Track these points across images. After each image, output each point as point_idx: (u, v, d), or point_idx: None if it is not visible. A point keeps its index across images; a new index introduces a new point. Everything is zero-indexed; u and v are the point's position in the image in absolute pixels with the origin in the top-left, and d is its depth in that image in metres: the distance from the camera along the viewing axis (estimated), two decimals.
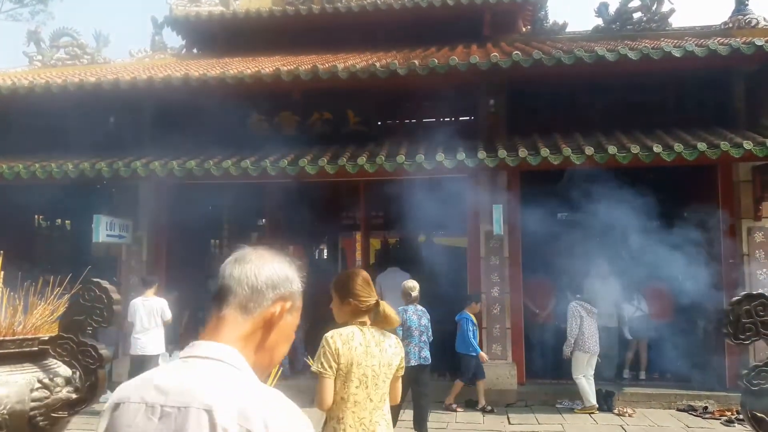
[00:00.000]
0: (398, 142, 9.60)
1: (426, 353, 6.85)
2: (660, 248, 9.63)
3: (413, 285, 6.93)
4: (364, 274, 3.13)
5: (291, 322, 1.39)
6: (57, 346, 2.59)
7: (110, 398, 1.32)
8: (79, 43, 12.79)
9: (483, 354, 8.33)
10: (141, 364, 8.42)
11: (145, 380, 1.28)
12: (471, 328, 8.27)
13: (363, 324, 3.02)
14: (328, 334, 2.98)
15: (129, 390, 1.29)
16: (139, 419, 1.21)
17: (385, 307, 3.06)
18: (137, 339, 8.37)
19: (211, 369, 1.24)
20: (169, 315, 8.64)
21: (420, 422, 6.76)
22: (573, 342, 8.26)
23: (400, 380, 3.14)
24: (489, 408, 8.33)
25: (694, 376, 8.81)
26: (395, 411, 6.43)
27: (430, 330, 7.02)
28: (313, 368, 2.95)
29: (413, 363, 6.60)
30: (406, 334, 6.71)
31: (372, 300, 3.05)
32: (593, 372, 8.32)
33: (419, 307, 6.95)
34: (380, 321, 3.06)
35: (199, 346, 1.29)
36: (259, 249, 1.43)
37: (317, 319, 7.69)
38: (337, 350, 2.90)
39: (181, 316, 10.05)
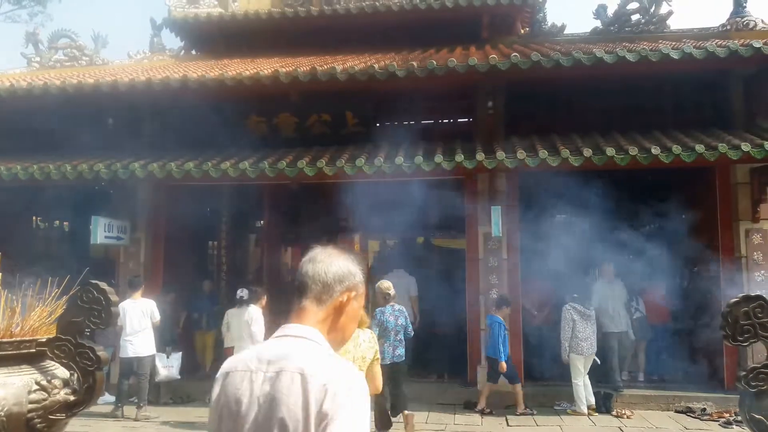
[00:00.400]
0: (397, 144, 9.60)
1: (400, 351, 7.06)
2: (657, 250, 9.64)
3: (389, 285, 7.10)
4: None
5: (356, 307, 1.72)
6: (55, 348, 2.59)
7: (221, 369, 1.64)
8: (77, 44, 12.78)
9: (503, 363, 8.21)
10: (131, 366, 8.40)
11: (248, 353, 1.63)
12: (503, 333, 8.28)
13: None
14: None
15: (236, 361, 1.63)
16: (245, 383, 1.55)
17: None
18: (129, 341, 8.31)
19: (299, 344, 1.59)
20: (158, 316, 8.65)
21: (386, 421, 6.76)
22: (567, 346, 8.24)
23: (378, 371, 3.40)
24: (488, 410, 8.31)
25: (692, 377, 8.82)
26: (380, 401, 6.45)
27: (410, 327, 7.26)
28: None
29: (387, 361, 6.77)
30: (382, 333, 6.89)
31: None
32: (586, 372, 8.31)
33: (396, 307, 7.13)
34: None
35: (288, 328, 1.64)
36: (328, 249, 1.75)
37: None
38: None
39: (178, 317, 10.03)
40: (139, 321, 8.36)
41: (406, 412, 7.17)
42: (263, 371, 1.54)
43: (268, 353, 1.58)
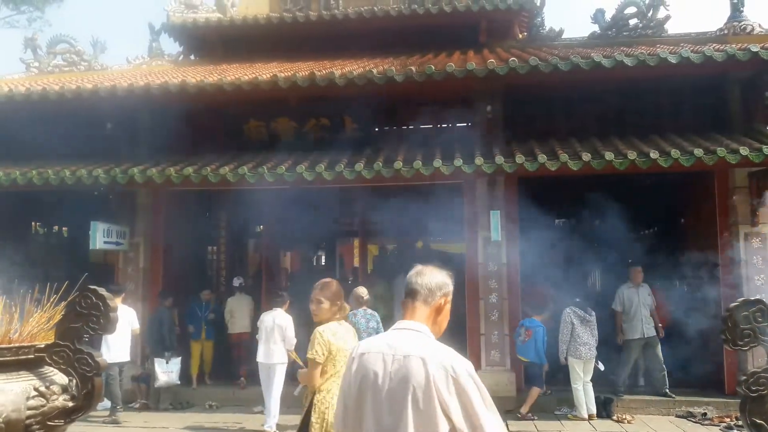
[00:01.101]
0: (395, 149, 9.60)
1: None
2: (656, 254, 9.64)
3: (364, 291, 7.54)
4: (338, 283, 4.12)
5: (448, 308, 2.32)
6: (53, 354, 2.57)
7: (356, 349, 2.25)
8: (76, 49, 12.78)
9: (546, 365, 8.47)
10: (108, 370, 8.33)
11: (377, 339, 2.26)
12: (544, 337, 8.38)
13: (339, 320, 3.99)
14: (320, 329, 3.88)
15: (370, 344, 2.23)
16: (379, 361, 2.13)
17: (347, 308, 4.15)
18: (106, 347, 8.18)
19: (415, 335, 2.18)
20: (137, 324, 8.82)
21: None
22: (566, 349, 8.25)
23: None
24: (531, 416, 8.26)
25: (692, 382, 8.80)
26: None
27: (381, 330, 7.33)
28: (309, 355, 3.84)
29: None
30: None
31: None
32: (590, 377, 8.30)
33: (368, 311, 7.48)
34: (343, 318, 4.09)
35: (405, 323, 2.24)
36: (429, 266, 2.34)
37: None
38: (328, 341, 3.83)
39: (174, 321, 9.95)
40: (119, 326, 8.30)
41: None
42: (393, 354, 2.12)
43: (394, 341, 2.17)
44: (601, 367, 8.41)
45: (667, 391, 8.70)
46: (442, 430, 1.98)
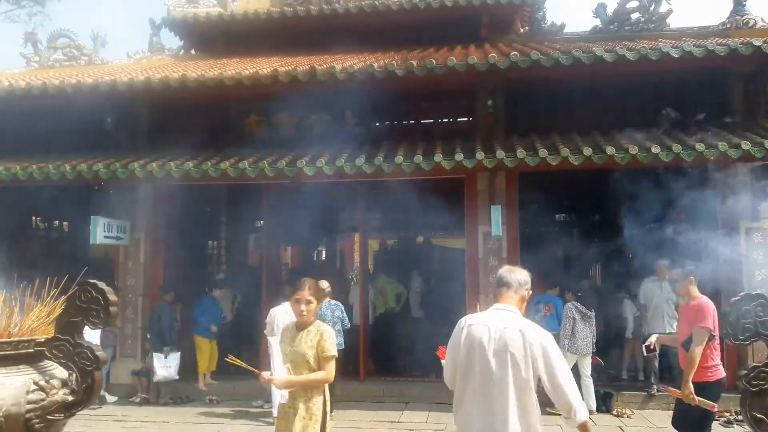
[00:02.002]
0: (396, 143, 9.59)
1: (339, 340, 7.94)
2: (659, 248, 9.62)
3: (326, 284, 7.97)
4: None
5: (525, 302, 3.23)
6: (53, 348, 2.57)
7: (465, 321, 3.14)
8: (76, 44, 12.76)
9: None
10: None
11: (480, 315, 3.17)
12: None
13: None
14: (329, 327, 4.03)
15: (476, 318, 3.14)
16: (484, 331, 3.00)
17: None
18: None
19: (509, 314, 3.08)
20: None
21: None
22: (567, 343, 8.25)
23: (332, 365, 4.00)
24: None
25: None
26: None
27: (346, 320, 8.34)
28: (331, 353, 3.88)
29: None
30: None
31: None
32: (590, 372, 8.30)
33: (332, 302, 8.31)
34: None
35: (500, 305, 3.14)
36: (516, 267, 3.33)
37: None
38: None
39: (176, 316, 9.95)
40: None
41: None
42: (495, 326, 3.03)
43: (495, 317, 3.09)
44: (602, 362, 8.41)
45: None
46: (531, 376, 2.94)
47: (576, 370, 8.27)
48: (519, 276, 3.22)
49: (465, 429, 3.07)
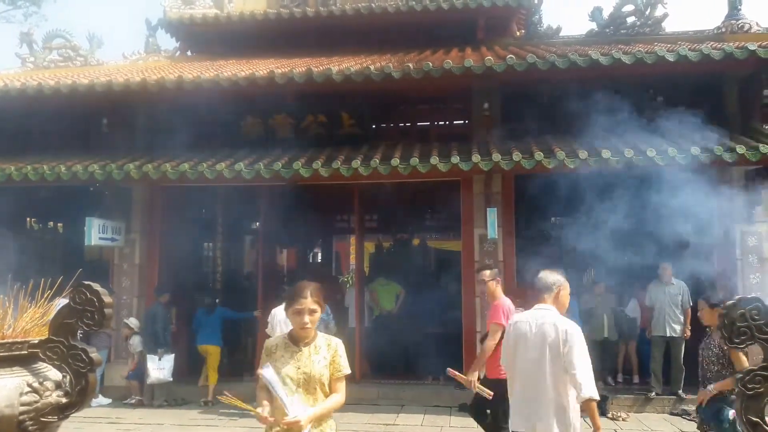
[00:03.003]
0: (393, 146, 9.59)
1: None
2: (653, 252, 9.64)
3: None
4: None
5: (564, 293, 3.93)
6: (47, 350, 2.55)
7: (513, 319, 4.03)
8: (72, 44, 12.73)
9: None
10: None
11: (525, 314, 3.97)
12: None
13: None
14: (339, 339, 3.33)
15: (521, 316, 3.97)
16: (526, 326, 3.82)
17: None
18: None
19: (546, 312, 3.84)
20: None
21: None
22: None
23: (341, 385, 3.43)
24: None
25: (687, 380, 8.81)
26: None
27: (330, 323, 8.45)
28: (348, 369, 3.24)
29: None
30: None
31: None
32: None
33: None
34: None
35: (539, 305, 3.88)
36: (548, 270, 3.98)
37: None
38: None
39: (171, 316, 9.90)
40: None
41: None
42: (535, 321, 3.80)
43: (535, 315, 3.85)
44: None
45: (680, 392, 8.60)
46: (562, 363, 3.65)
47: None
48: (552, 279, 3.95)
49: (514, 399, 3.93)
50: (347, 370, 3.21)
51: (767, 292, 8.06)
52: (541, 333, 3.74)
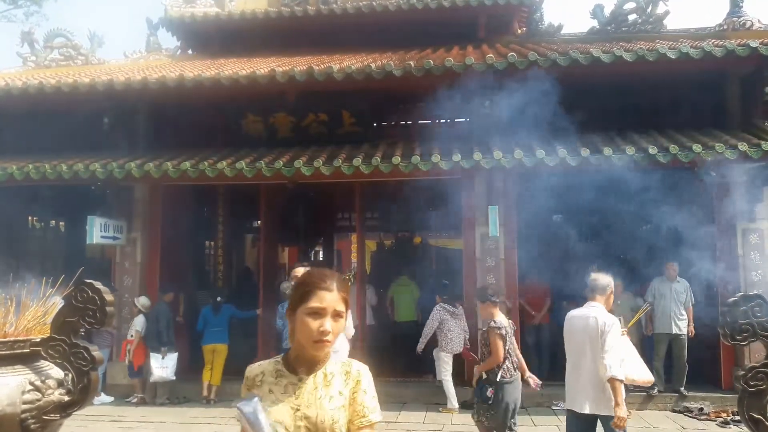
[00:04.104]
0: (394, 144, 9.59)
1: None
2: (655, 249, 9.63)
3: (287, 285, 7.98)
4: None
5: (612, 293, 4.91)
6: (49, 348, 2.56)
7: (570, 314, 5.04)
8: (73, 44, 12.73)
9: None
10: None
11: (578, 309, 4.94)
12: None
13: None
14: (365, 366, 2.18)
15: (575, 312, 4.97)
16: (579, 321, 4.83)
17: None
18: None
19: (595, 308, 4.78)
20: None
21: None
22: (425, 342, 8.62)
23: None
24: None
25: (689, 377, 8.83)
26: None
27: None
28: (376, 417, 2.07)
29: (290, 346, 7.55)
30: (284, 321, 7.76)
31: None
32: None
33: None
34: None
35: (589, 303, 4.83)
36: (601, 273, 5.00)
37: None
38: None
39: (174, 316, 9.91)
40: None
41: None
42: (585, 316, 4.75)
43: (585, 311, 4.79)
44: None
45: (682, 389, 8.58)
46: (600, 350, 4.56)
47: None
48: (605, 281, 4.84)
49: (569, 379, 4.91)
50: (376, 416, 2.03)
51: None
52: (586, 325, 4.71)
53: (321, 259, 17.10)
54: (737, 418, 7.13)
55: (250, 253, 14.73)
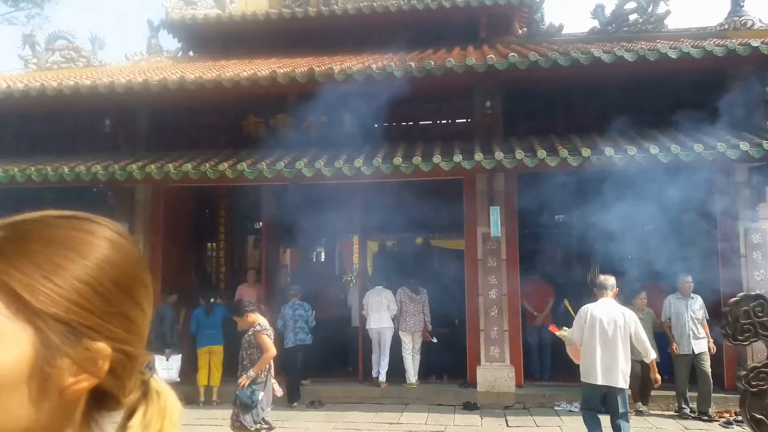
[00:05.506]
0: (395, 145, 9.58)
1: (302, 336, 8.98)
2: (658, 250, 9.61)
3: (297, 288, 9.49)
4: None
5: (615, 293, 6.38)
6: None
7: (588, 308, 6.15)
8: (74, 46, 12.75)
9: None
10: None
11: (597, 304, 6.16)
12: None
13: None
14: None
15: (594, 306, 6.14)
16: (601, 313, 6.04)
17: None
18: None
19: (612, 303, 6.19)
20: None
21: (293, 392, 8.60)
22: (397, 324, 9.38)
23: None
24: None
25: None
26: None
27: (309, 318, 9.12)
28: None
29: (290, 344, 8.89)
30: (285, 323, 9.03)
31: None
32: (419, 347, 9.41)
33: (296, 302, 9.19)
34: None
35: (604, 299, 6.17)
36: (608, 274, 6.49)
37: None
38: None
39: (178, 317, 9.89)
40: None
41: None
42: (606, 309, 6.05)
43: (604, 305, 6.10)
44: (435, 340, 9.56)
45: (710, 410, 7.99)
46: (627, 334, 5.91)
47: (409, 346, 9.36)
48: (611, 282, 6.20)
49: (589, 367, 5.98)
50: None
51: None
52: (614, 317, 5.91)
53: (322, 260, 17.10)
54: (740, 418, 7.11)
55: (251, 254, 14.71)
